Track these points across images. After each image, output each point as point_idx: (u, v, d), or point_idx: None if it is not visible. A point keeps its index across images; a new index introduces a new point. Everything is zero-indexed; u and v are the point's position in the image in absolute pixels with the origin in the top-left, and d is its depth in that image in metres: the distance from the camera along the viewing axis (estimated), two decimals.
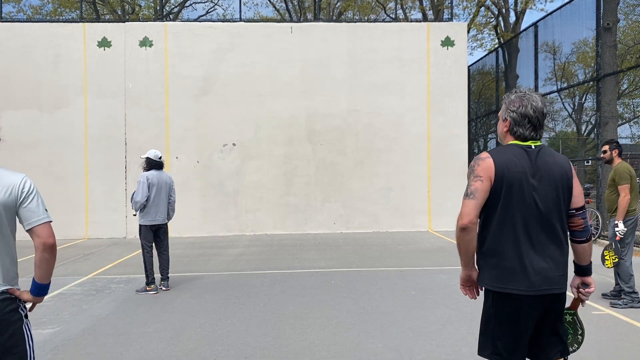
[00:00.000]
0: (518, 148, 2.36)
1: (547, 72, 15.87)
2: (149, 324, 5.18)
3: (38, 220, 2.23)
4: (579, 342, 2.47)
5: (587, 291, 2.46)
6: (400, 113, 12.91)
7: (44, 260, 2.25)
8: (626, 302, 5.55)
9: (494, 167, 2.32)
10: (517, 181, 2.29)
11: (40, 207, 2.26)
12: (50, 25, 12.79)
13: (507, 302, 2.31)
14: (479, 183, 2.32)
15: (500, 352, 2.34)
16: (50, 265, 2.28)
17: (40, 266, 2.27)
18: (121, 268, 8.38)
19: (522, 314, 2.30)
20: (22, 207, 2.22)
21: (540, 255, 2.30)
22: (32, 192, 2.25)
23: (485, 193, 2.32)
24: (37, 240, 2.22)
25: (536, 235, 2.31)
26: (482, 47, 25.12)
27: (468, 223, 2.30)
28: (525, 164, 2.32)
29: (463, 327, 4.91)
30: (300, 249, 10.13)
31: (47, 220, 2.26)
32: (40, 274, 2.29)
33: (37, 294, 2.31)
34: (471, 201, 2.32)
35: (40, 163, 12.23)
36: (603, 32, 11.29)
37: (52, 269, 2.32)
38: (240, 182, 12.75)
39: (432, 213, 12.89)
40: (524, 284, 2.27)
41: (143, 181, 6.57)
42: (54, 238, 2.27)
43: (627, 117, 23.91)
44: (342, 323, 5.10)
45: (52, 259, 2.27)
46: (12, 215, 2.23)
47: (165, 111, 12.63)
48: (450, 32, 13.04)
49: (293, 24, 13.14)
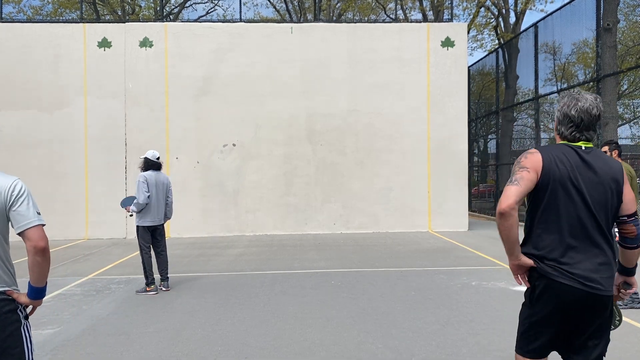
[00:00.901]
0: (568, 147, 2.34)
1: (547, 73, 15.88)
2: (149, 324, 5.18)
3: (29, 224, 2.21)
4: (616, 325, 2.49)
5: (628, 292, 2.44)
6: (400, 113, 12.91)
7: (36, 264, 2.23)
8: (626, 302, 5.54)
9: (542, 162, 2.28)
10: (563, 179, 2.26)
11: (30, 210, 2.22)
12: (51, 25, 12.78)
13: (549, 298, 2.29)
14: (525, 172, 2.28)
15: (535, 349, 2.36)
16: (43, 268, 2.25)
17: (33, 270, 2.25)
18: (121, 268, 8.38)
19: (562, 311, 2.28)
20: (12, 211, 2.20)
21: (584, 254, 2.26)
22: (21, 195, 2.23)
23: (529, 182, 2.27)
24: (28, 243, 2.20)
25: (581, 236, 2.27)
26: (482, 47, 25.15)
27: (506, 207, 2.23)
28: (574, 163, 2.29)
29: (463, 327, 4.90)
30: (300, 249, 10.12)
31: (38, 224, 2.23)
32: (34, 277, 2.27)
33: (34, 297, 2.30)
34: (513, 186, 2.27)
35: (40, 163, 12.23)
36: (603, 33, 11.30)
37: (47, 272, 2.29)
38: (240, 182, 12.75)
39: (432, 213, 12.89)
40: (568, 281, 2.24)
41: (142, 181, 6.57)
42: (46, 241, 2.24)
43: (627, 118, 23.92)
44: (342, 323, 5.09)
45: (44, 262, 2.24)
46: (3, 219, 2.21)
47: (165, 111, 12.63)
48: (450, 33, 13.04)
49: (293, 25, 13.14)
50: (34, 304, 2.32)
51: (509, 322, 5.04)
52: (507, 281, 6.91)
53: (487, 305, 5.68)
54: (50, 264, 2.32)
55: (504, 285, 6.70)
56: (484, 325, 4.97)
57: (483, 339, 4.57)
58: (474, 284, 6.78)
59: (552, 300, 2.29)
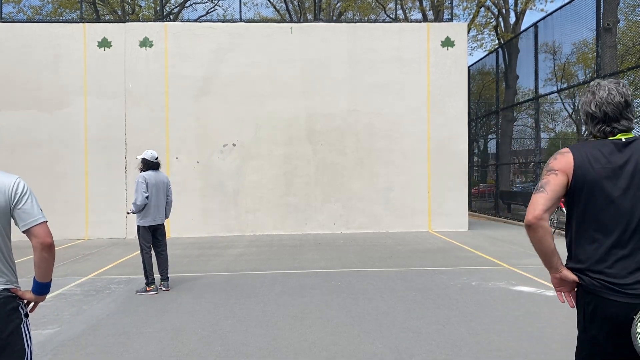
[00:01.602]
0: (605, 143, 2.07)
1: (547, 73, 15.88)
2: (149, 324, 5.18)
3: (35, 221, 2.24)
4: None
5: None
6: (400, 113, 12.91)
7: (43, 260, 2.27)
8: None
9: (573, 162, 2.04)
10: (601, 179, 2.01)
11: (35, 208, 2.26)
12: (51, 25, 12.78)
13: (602, 320, 1.99)
14: (552, 176, 2.07)
15: None
16: (49, 264, 2.30)
17: (40, 265, 2.29)
18: (121, 268, 8.38)
19: (618, 335, 1.95)
20: (17, 209, 2.23)
21: (635, 263, 1.96)
22: (25, 193, 2.26)
23: (558, 187, 2.05)
24: (35, 240, 2.24)
25: (629, 241, 1.98)
26: (482, 47, 25.15)
27: (532, 219, 2.03)
28: (613, 159, 2.02)
29: (463, 327, 4.91)
30: (300, 249, 10.12)
31: (43, 220, 2.27)
32: (40, 273, 2.31)
33: (39, 292, 2.34)
34: (539, 195, 2.06)
35: (40, 163, 12.23)
36: (603, 33, 11.30)
37: (52, 268, 2.34)
38: (240, 183, 12.75)
39: (432, 213, 12.89)
40: (619, 297, 1.95)
41: (141, 181, 6.57)
42: (52, 237, 2.28)
43: None
44: (342, 323, 5.09)
45: (51, 258, 2.29)
46: (6, 217, 2.23)
47: (166, 111, 12.63)
48: (450, 33, 13.04)
49: (293, 24, 13.14)
50: (38, 299, 2.36)
51: (509, 322, 5.04)
52: (507, 281, 6.91)
53: (487, 305, 5.68)
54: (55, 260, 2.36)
55: (504, 285, 6.70)
56: (484, 325, 4.97)
57: (483, 339, 4.57)
58: (474, 284, 6.79)
59: (605, 323, 1.98)
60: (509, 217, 15.83)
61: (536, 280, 6.93)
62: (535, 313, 5.36)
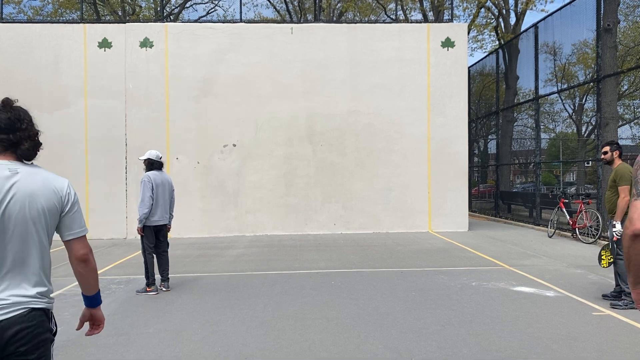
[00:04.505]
0: None
1: (548, 73, 15.88)
2: (149, 324, 5.18)
3: (82, 232, 2.09)
4: None
5: None
6: (400, 114, 12.92)
7: (80, 275, 2.13)
8: (626, 302, 5.54)
9: None
10: None
11: (82, 218, 2.12)
12: (51, 25, 12.79)
13: None
14: None
15: None
16: (89, 277, 2.15)
17: (81, 280, 2.15)
18: (121, 269, 8.38)
19: None
20: (68, 215, 2.06)
21: None
22: (77, 200, 2.11)
23: None
24: (76, 252, 2.08)
25: None
26: (483, 48, 25.18)
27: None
28: None
29: (463, 328, 4.91)
30: (300, 250, 10.13)
31: (86, 232, 2.14)
32: (83, 287, 2.19)
33: (89, 305, 2.22)
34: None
35: (41, 164, 12.04)
36: (603, 33, 11.30)
37: (95, 280, 2.19)
38: (240, 183, 12.76)
39: (432, 214, 12.89)
40: None
41: (147, 181, 6.50)
42: (89, 249, 2.14)
43: (627, 118, 23.93)
44: (342, 324, 5.10)
45: (90, 272, 2.14)
46: (54, 222, 2.04)
47: (166, 112, 12.64)
48: (451, 33, 13.04)
49: (293, 25, 13.14)
50: (93, 313, 2.23)
51: (509, 323, 5.04)
52: (507, 282, 6.92)
53: (487, 306, 5.68)
54: (96, 271, 2.22)
55: (504, 285, 6.70)
56: (484, 325, 4.97)
57: (483, 339, 4.57)
58: (474, 284, 6.79)
59: None
60: (509, 217, 15.83)
61: (536, 281, 6.93)
62: (535, 314, 5.36)
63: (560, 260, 8.59)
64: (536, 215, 13.97)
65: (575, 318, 5.20)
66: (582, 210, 11.01)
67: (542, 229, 12.90)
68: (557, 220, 11.85)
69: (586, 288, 6.51)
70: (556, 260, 8.66)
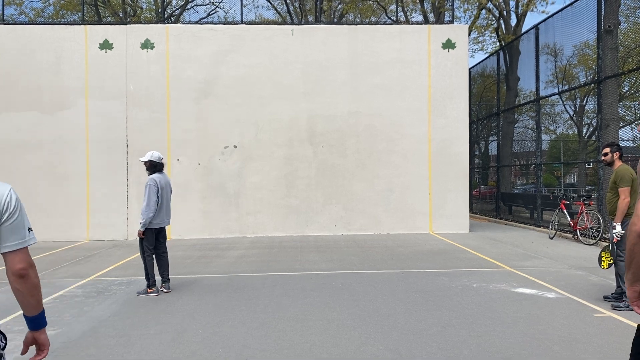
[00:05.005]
0: None
1: (548, 75, 15.87)
2: (150, 325, 5.18)
3: (20, 244, 1.87)
4: None
5: None
6: (401, 115, 12.92)
7: (17, 292, 1.91)
8: (627, 304, 5.53)
9: None
10: None
11: (24, 228, 1.89)
12: (52, 27, 12.81)
13: None
14: None
15: None
16: (28, 295, 1.92)
17: (19, 298, 1.93)
18: (122, 270, 8.38)
19: None
20: (4, 225, 1.84)
21: None
22: (18, 209, 1.88)
23: None
24: (12, 266, 1.86)
25: None
26: (483, 49, 25.17)
27: None
28: None
29: (464, 329, 4.90)
30: (301, 251, 10.12)
31: (29, 244, 1.91)
32: (22, 306, 1.94)
33: (31, 327, 2.02)
34: None
35: (42, 165, 12.25)
36: (604, 35, 11.30)
37: (36, 299, 1.96)
38: (241, 184, 12.76)
39: (433, 215, 12.89)
40: None
41: (153, 185, 6.46)
42: (29, 264, 1.90)
43: (628, 120, 23.92)
44: (343, 325, 5.09)
45: (29, 289, 1.91)
46: None
47: (167, 113, 12.65)
48: (451, 35, 13.05)
49: (294, 26, 13.16)
50: (36, 336, 2.03)
51: (510, 324, 5.04)
52: (508, 283, 6.91)
53: (488, 307, 5.67)
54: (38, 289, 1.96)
55: (505, 287, 6.70)
56: (485, 327, 4.96)
57: (484, 340, 4.56)
58: (475, 285, 6.78)
59: None
60: (510, 219, 15.82)
61: (537, 282, 6.92)
62: (536, 315, 5.35)
63: (561, 262, 8.59)
64: (537, 217, 13.96)
65: (576, 319, 5.20)
66: (583, 212, 11.01)
67: (543, 230, 12.89)
68: (558, 222, 11.84)
69: (587, 289, 6.50)
70: (557, 261, 8.66)
